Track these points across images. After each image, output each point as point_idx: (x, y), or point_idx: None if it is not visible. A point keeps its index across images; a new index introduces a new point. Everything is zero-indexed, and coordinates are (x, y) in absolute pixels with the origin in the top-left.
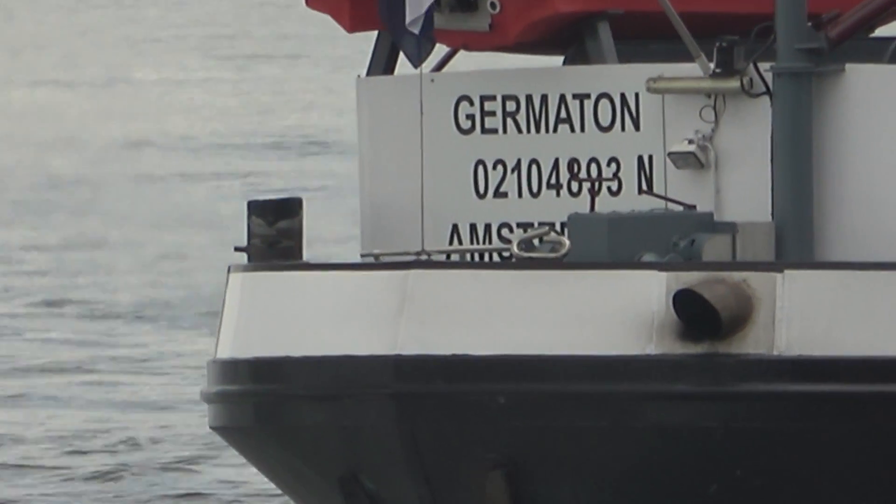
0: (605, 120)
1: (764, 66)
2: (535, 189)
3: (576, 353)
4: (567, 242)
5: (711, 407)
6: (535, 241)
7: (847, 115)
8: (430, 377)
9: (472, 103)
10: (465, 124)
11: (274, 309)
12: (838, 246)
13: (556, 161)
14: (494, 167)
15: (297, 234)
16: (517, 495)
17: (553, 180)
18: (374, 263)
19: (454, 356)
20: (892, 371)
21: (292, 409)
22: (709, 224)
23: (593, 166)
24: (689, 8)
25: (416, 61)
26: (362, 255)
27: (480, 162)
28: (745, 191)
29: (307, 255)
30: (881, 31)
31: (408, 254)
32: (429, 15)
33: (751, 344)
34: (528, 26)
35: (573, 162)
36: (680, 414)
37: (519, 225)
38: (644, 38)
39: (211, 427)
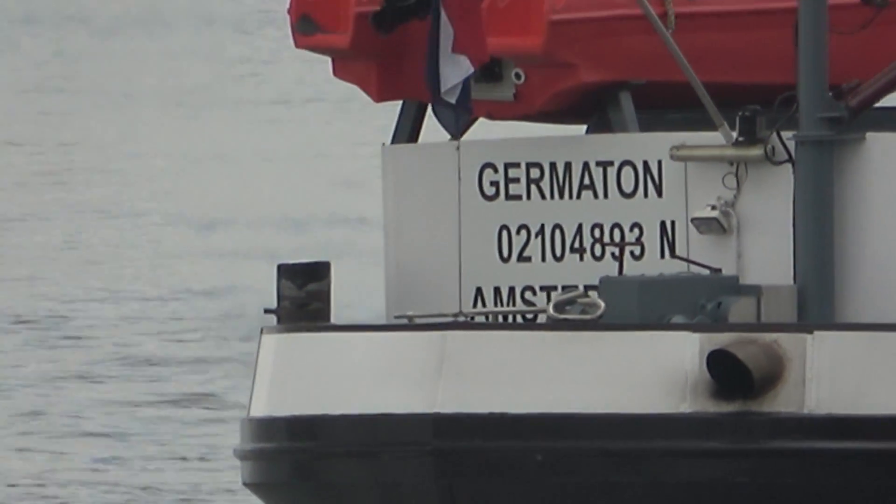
0: (628, 186)
1: (786, 134)
2: (558, 253)
3: (611, 412)
4: (602, 304)
5: (743, 463)
6: (568, 304)
7: (867, 182)
8: (469, 434)
9: (496, 170)
10: (490, 191)
11: (310, 368)
12: (860, 309)
13: (580, 226)
14: (518, 232)
15: (325, 297)
16: None
17: (577, 245)
18: (411, 325)
19: (492, 414)
20: None
21: (330, 466)
22: (734, 287)
23: (616, 231)
24: (711, 78)
25: (454, 131)
26: (395, 317)
27: (504, 227)
28: (767, 255)
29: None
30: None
31: (444, 315)
32: (466, 85)
33: (782, 402)
34: (552, 96)
35: (596, 227)
36: (712, 470)
37: (542, 288)
38: (665, 107)
39: (244, 484)
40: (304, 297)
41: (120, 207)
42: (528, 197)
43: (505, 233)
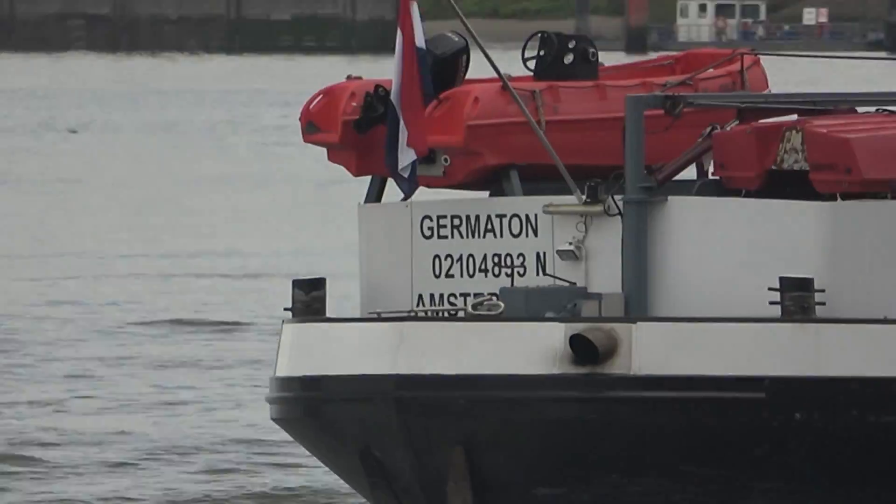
0: (515, 230)
1: (617, 197)
2: (472, 273)
3: (509, 373)
4: (502, 305)
5: (593, 406)
6: (479, 305)
7: (668, 228)
8: (418, 388)
9: (431, 220)
10: (427, 233)
11: (313, 345)
12: (663, 309)
13: (485, 255)
14: (446, 259)
15: (323, 300)
16: (471, 462)
17: (483, 267)
18: (379, 318)
19: (432, 374)
20: (707, 383)
21: (328, 408)
22: (584, 294)
23: (509, 259)
24: (569, 161)
25: (407, 195)
26: (368, 314)
27: (437, 256)
28: (605, 274)
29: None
30: None
31: (401, 312)
32: (413, 166)
33: (617, 367)
34: (467, 174)
35: (496, 255)
36: (574, 411)
37: (462, 295)
38: (540, 180)
39: (272, 419)
40: (309, 300)
41: None
42: (452, 237)
43: (437, 259)
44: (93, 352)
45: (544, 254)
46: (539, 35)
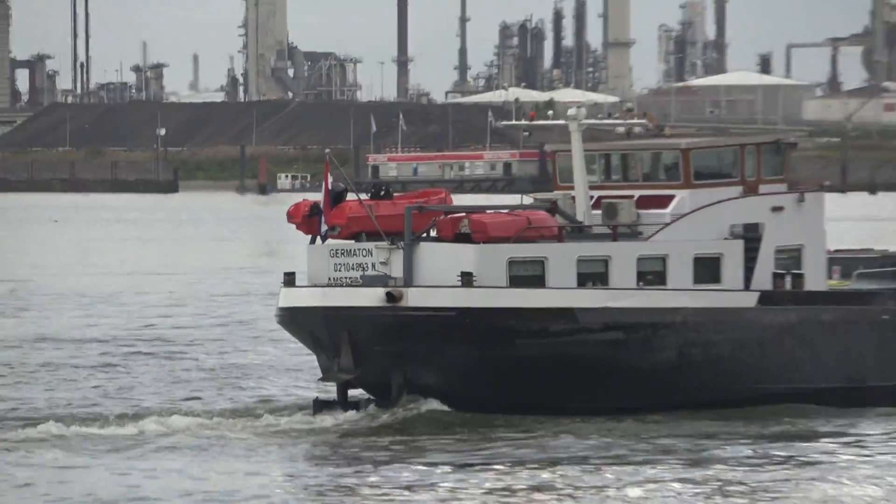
0: (365, 254)
1: (401, 242)
2: (349, 270)
3: (363, 305)
4: (360, 280)
5: (392, 317)
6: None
7: (419, 255)
8: (329, 310)
9: (334, 251)
10: (332, 255)
11: (290, 295)
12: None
13: (355, 264)
14: (339, 266)
15: (294, 279)
16: (350, 339)
17: (353, 267)
18: (313, 286)
19: (333, 306)
20: (438, 309)
21: (295, 321)
22: (390, 278)
23: (364, 265)
24: (385, 229)
25: (324, 241)
26: (310, 285)
27: (336, 264)
28: (397, 271)
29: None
30: None
31: (322, 284)
32: (326, 231)
33: (401, 303)
34: (347, 234)
35: (359, 263)
36: (385, 320)
37: (346, 279)
38: (372, 236)
39: (277, 323)
40: (289, 280)
41: None
42: (341, 257)
43: (337, 266)
44: None
45: (376, 264)
46: (377, 184)
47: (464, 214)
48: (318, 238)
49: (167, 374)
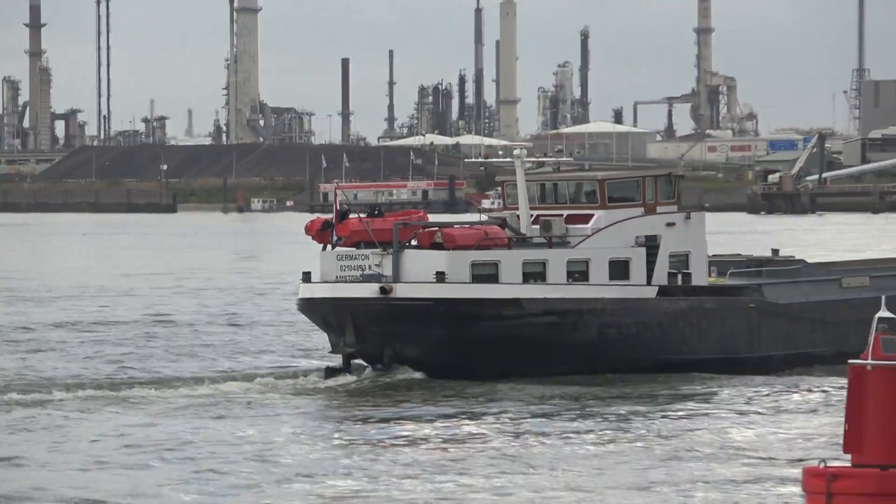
0: (363, 259)
1: (391, 249)
2: (354, 271)
3: (363, 296)
4: (361, 278)
5: (385, 306)
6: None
7: (405, 259)
8: (338, 301)
9: (340, 254)
10: (339, 257)
11: (308, 288)
12: (405, 281)
13: (357, 265)
14: (345, 267)
15: (310, 276)
16: (354, 323)
17: (356, 268)
18: (325, 281)
19: (342, 297)
20: (420, 299)
21: (312, 306)
22: (383, 276)
23: (364, 266)
24: (378, 238)
25: (334, 248)
26: (322, 281)
27: (342, 265)
28: (387, 271)
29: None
30: None
31: (332, 280)
32: (336, 241)
33: (391, 295)
34: (351, 244)
35: (359, 266)
36: (380, 308)
37: (349, 277)
38: (371, 245)
39: (298, 310)
40: (306, 276)
41: None
42: (346, 260)
43: (343, 267)
44: None
45: (372, 265)
46: (372, 205)
47: (437, 228)
48: (329, 246)
49: (194, 349)
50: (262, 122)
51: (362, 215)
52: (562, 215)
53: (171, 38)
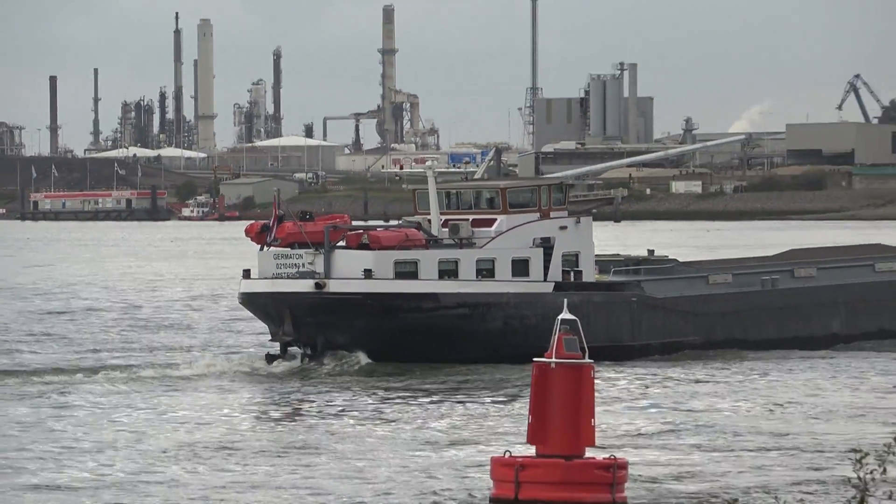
0: (299, 257)
1: (322, 250)
2: (289, 269)
3: (297, 291)
4: (298, 274)
5: (320, 301)
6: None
7: (336, 259)
8: (273, 295)
9: (278, 253)
10: (276, 256)
11: (246, 284)
12: (336, 277)
13: (292, 264)
14: (281, 266)
15: (249, 273)
16: (292, 316)
17: (290, 266)
18: (262, 278)
19: (278, 292)
20: (361, 294)
21: (253, 300)
22: (317, 273)
23: (298, 264)
24: (311, 239)
25: (269, 247)
26: (259, 278)
27: (278, 263)
28: (320, 268)
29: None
30: None
31: (269, 277)
32: (271, 242)
33: (325, 290)
34: (287, 244)
35: (294, 264)
36: (312, 302)
37: (285, 274)
38: (303, 245)
39: (239, 303)
40: (246, 273)
41: None
42: (282, 259)
43: (279, 265)
44: None
45: (305, 263)
46: (304, 210)
47: (363, 231)
48: (265, 246)
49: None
50: None
51: (295, 219)
52: (468, 219)
53: None
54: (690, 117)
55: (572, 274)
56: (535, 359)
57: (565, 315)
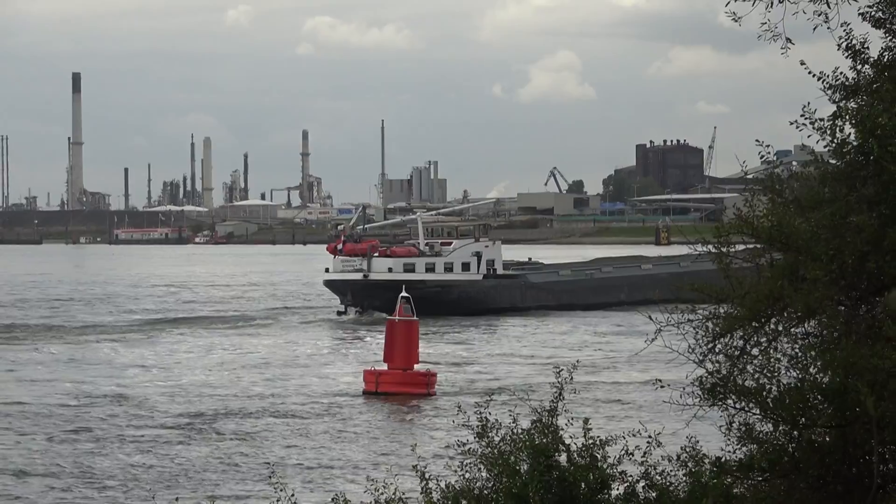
0: (356, 264)
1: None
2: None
3: (348, 279)
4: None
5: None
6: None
7: (372, 264)
8: (351, 282)
9: (344, 258)
10: (343, 262)
11: (329, 275)
12: (373, 273)
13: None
14: (346, 270)
15: (329, 269)
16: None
17: (352, 268)
18: (336, 272)
19: (347, 279)
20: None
21: (332, 285)
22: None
23: (352, 264)
24: (360, 252)
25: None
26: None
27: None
28: (365, 268)
29: None
30: None
31: (343, 273)
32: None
33: (370, 277)
34: (345, 254)
35: (348, 264)
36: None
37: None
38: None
39: (324, 283)
40: (327, 269)
41: None
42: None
43: (347, 269)
44: None
45: (357, 265)
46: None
47: (386, 248)
48: (335, 255)
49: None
50: None
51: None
52: (439, 242)
53: None
54: (466, 189)
55: (492, 270)
56: (387, 317)
57: (404, 294)
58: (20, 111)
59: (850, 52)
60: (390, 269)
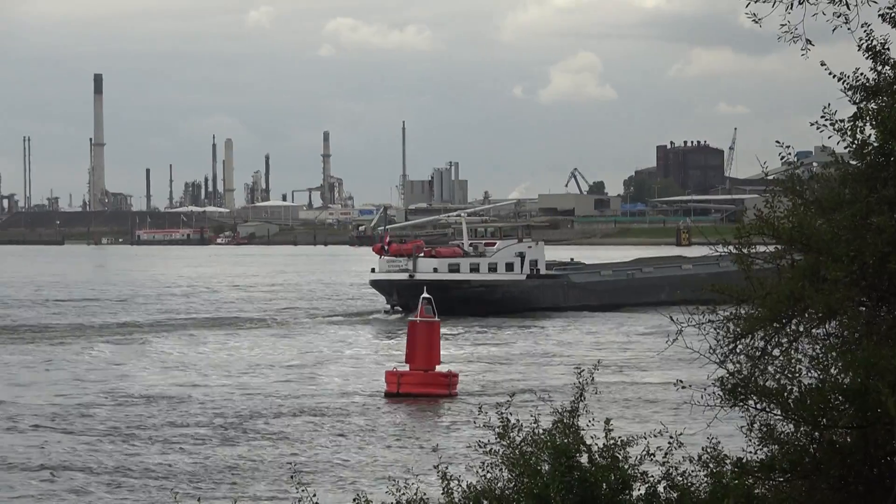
0: (401, 265)
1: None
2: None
3: (396, 279)
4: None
5: (400, 283)
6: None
7: (418, 263)
8: (396, 282)
9: (390, 259)
10: (389, 262)
11: (375, 275)
12: (419, 273)
13: (396, 266)
14: (390, 270)
15: (374, 269)
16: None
17: (398, 269)
18: (382, 271)
19: (393, 279)
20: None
21: (375, 283)
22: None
23: (399, 265)
24: (406, 252)
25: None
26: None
27: (390, 269)
28: (410, 268)
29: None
30: None
31: (389, 274)
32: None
33: (415, 276)
34: (391, 255)
35: (394, 264)
36: (402, 286)
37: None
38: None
39: (370, 283)
40: (373, 269)
41: None
42: (391, 264)
43: (391, 268)
44: None
45: (404, 265)
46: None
47: (433, 248)
48: (382, 255)
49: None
50: None
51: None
52: (482, 242)
53: None
54: (487, 190)
55: (535, 270)
56: (409, 318)
57: (426, 295)
58: (42, 112)
59: (870, 52)
60: (435, 270)
